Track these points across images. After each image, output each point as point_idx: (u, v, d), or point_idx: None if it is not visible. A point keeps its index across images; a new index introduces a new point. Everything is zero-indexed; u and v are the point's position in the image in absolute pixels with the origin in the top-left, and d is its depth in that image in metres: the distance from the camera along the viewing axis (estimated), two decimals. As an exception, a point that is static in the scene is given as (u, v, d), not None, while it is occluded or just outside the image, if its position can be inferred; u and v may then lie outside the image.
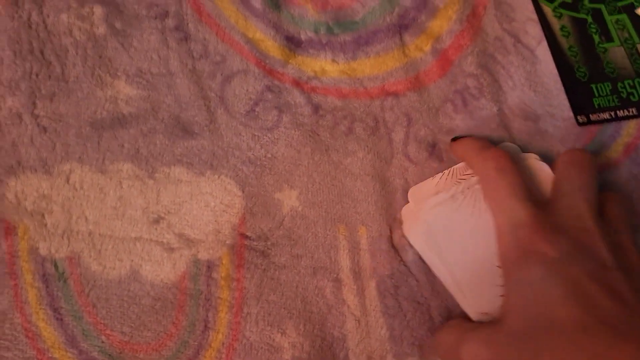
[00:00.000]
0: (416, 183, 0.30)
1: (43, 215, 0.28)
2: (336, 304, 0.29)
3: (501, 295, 0.26)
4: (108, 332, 0.28)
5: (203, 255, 0.29)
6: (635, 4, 0.34)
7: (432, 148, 0.31)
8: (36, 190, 0.29)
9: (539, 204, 0.26)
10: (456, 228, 0.28)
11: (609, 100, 0.32)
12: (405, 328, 0.29)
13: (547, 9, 0.34)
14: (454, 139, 0.31)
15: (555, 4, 0.34)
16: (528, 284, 0.23)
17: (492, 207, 0.27)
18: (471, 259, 0.27)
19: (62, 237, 0.28)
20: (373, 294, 0.29)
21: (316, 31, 0.33)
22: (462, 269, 0.27)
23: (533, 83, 0.32)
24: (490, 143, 0.29)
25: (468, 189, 0.28)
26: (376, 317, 0.29)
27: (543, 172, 0.28)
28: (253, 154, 0.31)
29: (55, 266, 0.28)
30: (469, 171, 0.29)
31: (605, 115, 0.32)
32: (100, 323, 0.28)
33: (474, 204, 0.28)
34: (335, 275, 0.29)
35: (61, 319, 0.27)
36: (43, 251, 0.28)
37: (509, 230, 0.25)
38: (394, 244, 0.30)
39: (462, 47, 0.33)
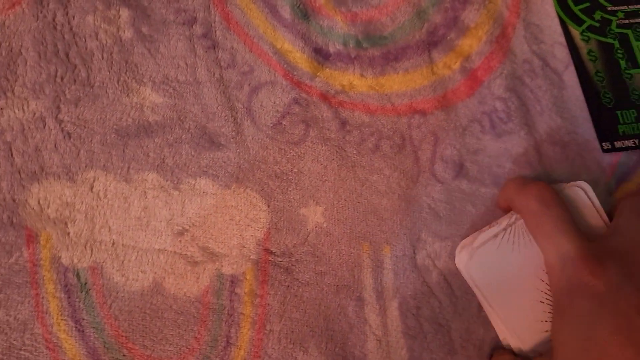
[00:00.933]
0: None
1: (66, 224, 0.28)
2: (358, 323, 0.29)
3: (546, 331, 0.26)
4: (130, 345, 0.27)
5: (227, 270, 0.29)
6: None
7: (459, 167, 0.31)
8: (59, 197, 0.28)
9: (588, 235, 0.25)
10: (497, 267, 0.28)
11: (633, 128, 0.32)
12: (424, 350, 0.29)
13: (575, 32, 0.34)
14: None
15: (583, 27, 0.34)
16: (577, 318, 0.23)
17: (539, 242, 0.26)
18: (513, 297, 0.27)
19: (85, 247, 0.28)
20: (395, 314, 0.29)
21: (345, 44, 0.32)
22: (505, 306, 0.27)
23: (560, 108, 0.32)
24: (531, 179, 0.29)
25: (510, 226, 0.28)
26: (397, 337, 0.29)
27: (586, 205, 0.28)
28: (279, 168, 0.30)
29: (78, 276, 0.27)
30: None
31: (630, 143, 0.32)
32: (122, 336, 0.27)
33: (514, 240, 0.28)
34: (358, 294, 0.29)
35: (82, 331, 0.27)
36: (65, 260, 0.28)
37: (558, 264, 0.25)
38: (418, 265, 0.30)
39: (492, 69, 0.33)
